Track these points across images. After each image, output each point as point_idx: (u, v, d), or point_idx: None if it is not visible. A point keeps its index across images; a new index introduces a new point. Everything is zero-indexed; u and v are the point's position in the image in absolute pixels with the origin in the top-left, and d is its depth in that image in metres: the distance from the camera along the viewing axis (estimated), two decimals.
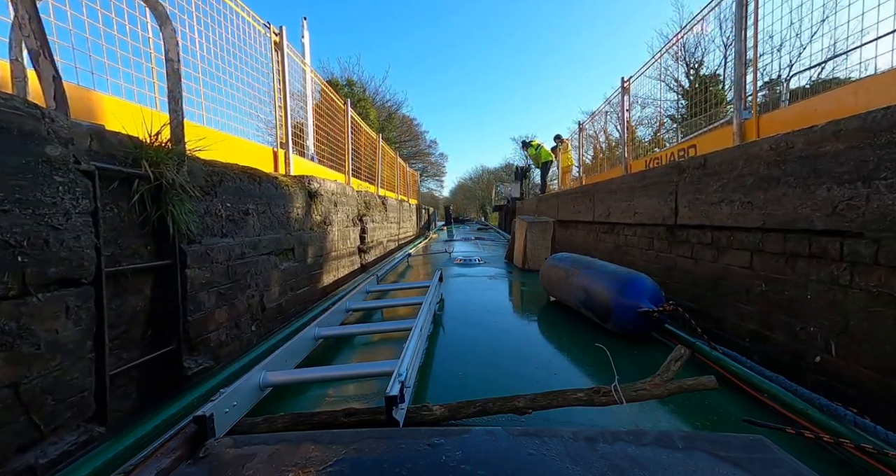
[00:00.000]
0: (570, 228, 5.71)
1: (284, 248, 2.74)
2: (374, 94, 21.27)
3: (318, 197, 3.46)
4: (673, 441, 0.82)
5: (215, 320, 1.94)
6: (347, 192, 4.53)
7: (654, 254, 3.06)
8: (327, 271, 3.73)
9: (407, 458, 0.77)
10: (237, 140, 3.29)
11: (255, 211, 2.36)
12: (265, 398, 1.47)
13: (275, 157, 3.84)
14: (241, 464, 0.78)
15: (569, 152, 10.12)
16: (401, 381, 1.20)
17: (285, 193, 2.78)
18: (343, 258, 4.28)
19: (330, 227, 3.79)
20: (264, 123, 3.92)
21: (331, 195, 3.85)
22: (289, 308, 2.77)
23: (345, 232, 4.34)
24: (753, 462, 0.76)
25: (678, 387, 1.25)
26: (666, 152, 5.51)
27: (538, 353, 2.08)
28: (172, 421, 1.37)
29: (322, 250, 3.54)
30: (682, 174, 2.59)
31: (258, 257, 2.36)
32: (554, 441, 0.81)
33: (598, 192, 4.38)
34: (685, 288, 2.59)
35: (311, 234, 3.23)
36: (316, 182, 3.41)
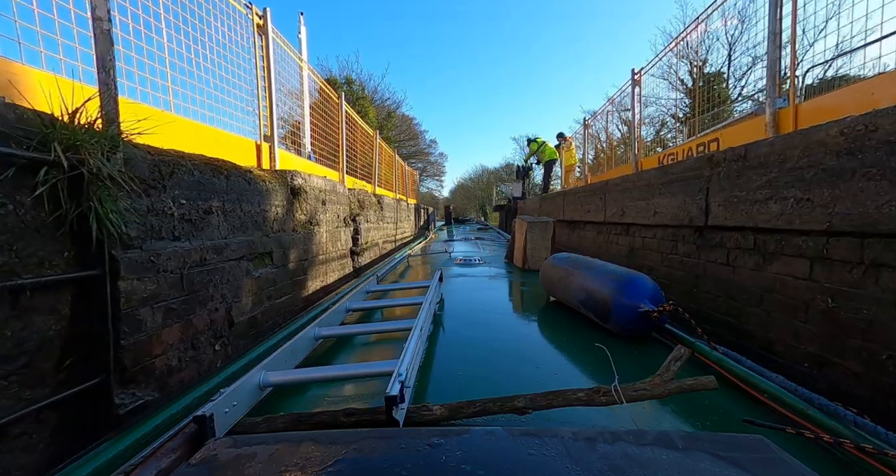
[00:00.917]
0: (577, 229, 5.34)
1: (260, 252, 2.45)
2: (373, 92, 21.20)
3: (302, 194, 3.16)
4: (673, 441, 0.82)
5: (162, 342, 1.62)
6: (338, 190, 4.23)
7: (678, 259, 2.73)
8: (314, 277, 3.44)
9: (407, 458, 0.77)
10: (210, 130, 2.90)
11: (221, 209, 2.06)
12: (265, 398, 1.47)
13: (258, 151, 3.49)
14: (241, 464, 0.78)
15: (572, 151, 9.95)
16: (401, 381, 1.20)
17: (261, 189, 2.50)
18: (332, 262, 3.98)
19: (317, 227, 3.51)
20: (255, 117, 3.54)
21: (318, 193, 3.56)
22: (265, 320, 2.48)
23: (335, 233, 4.05)
24: (753, 462, 0.75)
25: (678, 387, 1.25)
26: (683, 147, 5.16)
27: (538, 353, 2.08)
28: (172, 421, 1.37)
29: (307, 253, 3.26)
30: (714, 168, 2.26)
31: (224, 263, 2.07)
32: (554, 441, 0.81)
33: (611, 190, 4.03)
34: (719, 299, 2.27)
35: (293, 236, 2.96)
36: (300, 178, 3.13)
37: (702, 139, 4.74)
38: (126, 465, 1.06)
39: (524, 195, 12.23)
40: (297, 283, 3.06)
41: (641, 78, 5.94)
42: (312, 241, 3.39)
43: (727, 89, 11.38)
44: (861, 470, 1.10)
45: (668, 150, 5.69)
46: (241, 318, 2.22)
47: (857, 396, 1.45)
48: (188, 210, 1.83)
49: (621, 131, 8.11)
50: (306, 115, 4.94)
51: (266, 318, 2.51)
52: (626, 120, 7.80)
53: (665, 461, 0.75)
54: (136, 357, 1.49)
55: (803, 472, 0.74)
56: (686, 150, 5.00)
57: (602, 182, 4.40)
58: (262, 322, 2.44)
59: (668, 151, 5.58)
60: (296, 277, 3.04)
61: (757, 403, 1.49)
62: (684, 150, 5.05)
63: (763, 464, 0.75)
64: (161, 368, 1.61)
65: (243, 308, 2.25)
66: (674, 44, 5.70)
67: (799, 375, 1.68)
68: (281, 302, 2.73)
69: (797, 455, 0.80)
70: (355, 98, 17.05)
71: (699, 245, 2.48)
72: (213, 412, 1.07)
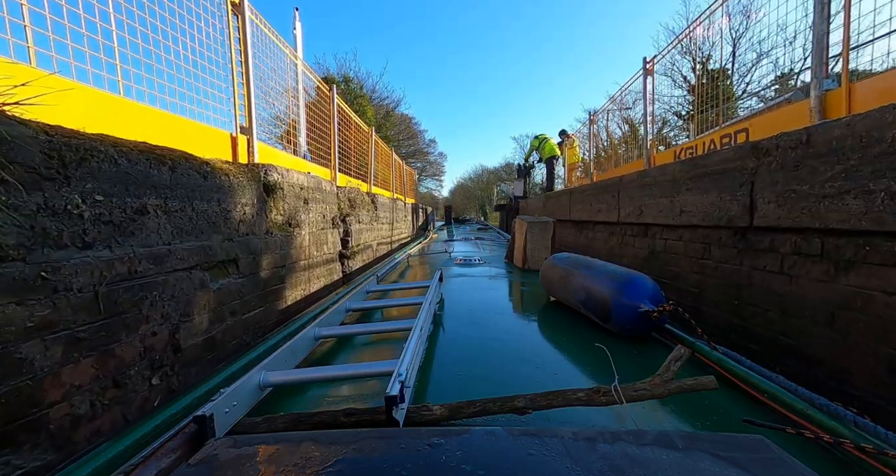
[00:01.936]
0: (586, 230, 4.97)
1: (221, 260, 2.09)
2: (372, 91, 21.10)
3: (278, 191, 2.80)
4: (673, 441, 0.82)
5: (62, 385, 1.24)
6: (324, 188, 3.84)
7: (712, 265, 2.40)
8: (293, 285, 3.09)
9: (407, 458, 0.77)
10: (170, 117, 2.45)
11: (162, 208, 1.70)
12: (265, 398, 1.47)
13: (234, 144, 3.06)
14: (241, 464, 0.78)
15: (575, 148, 9.69)
16: (401, 381, 1.20)
17: (223, 185, 2.15)
18: (317, 267, 3.63)
19: (298, 229, 3.15)
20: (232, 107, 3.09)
21: (299, 190, 3.20)
22: (228, 340, 2.13)
23: (320, 235, 3.70)
24: (753, 462, 0.76)
25: (678, 387, 1.25)
26: (704, 139, 4.72)
27: (538, 353, 2.08)
28: (172, 421, 1.37)
29: (285, 259, 2.93)
30: (762, 158, 1.96)
31: (167, 275, 1.71)
32: (554, 441, 0.81)
33: (626, 186, 3.66)
34: (769, 314, 1.94)
35: (267, 240, 2.62)
36: (275, 173, 2.77)
37: (727, 130, 4.31)
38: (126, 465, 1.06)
39: (526, 194, 12.04)
40: (271, 293, 2.73)
41: (654, 67, 5.49)
42: (292, 245, 3.05)
43: (731, 86, 11.33)
44: (861, 470, 1.10)
45: (685, 144, 5.19)
46: (194, 340, 1.87)
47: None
48: (108, 209, 1.44)
49: (623, 130, 8.02)
50: (302, 113, 4.78)
51: (229, 338, 2.16)
52: (628, 118, 7.73)
53: (665, 461, 0.75)
54: (13, 409, 1.10)
55: (803, 472, 0.74)
56: (707, 142, 4.57)
57: (615, 178, 4.00)
58: (223, 342, 2.07)
59: (685, 145, 5.13)
60: (270, 287, 2.70)
61: (757, 403, 1.49)
62: (704, 143, 4.64)
63: (763, 464, 0.75)
64: (59, 421, 1.21)
65: (196, 328, 1.89)
66: (689, 31, 5.14)
67: (888, 414, 1.37)
68: (250, 317, 2.38)
69: (797, 455, 0.80)
70: (353, 96, 16.93)
71: (741, 249, 2.16)
72: (213, 412, 1.07)
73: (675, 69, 13.48)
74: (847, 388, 1.58)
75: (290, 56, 4.31)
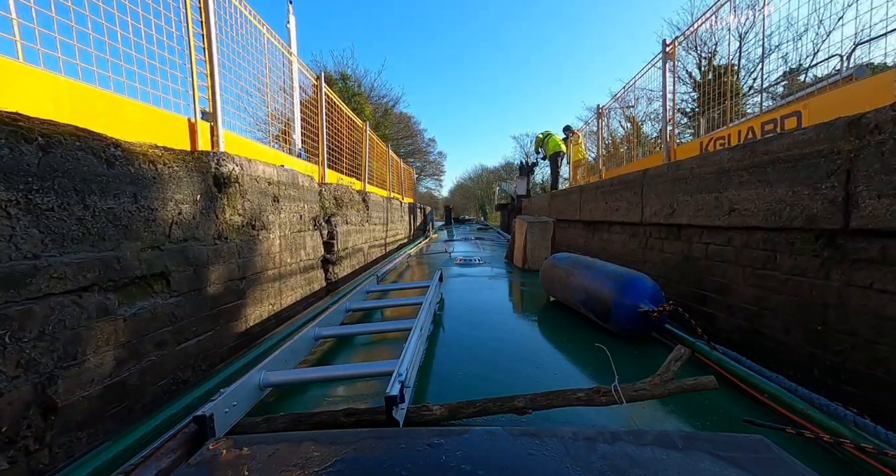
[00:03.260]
0: (599, 232, 4.50)
1: (138, 276, 1.62)
2: (370, 89, 21.02)
3: (233, 186, 2.29)
4: (673, 441, 0.82)
5: None
6: (300, 183, 3.33)
7: (781, 277, 1.92)
8: (257, 300, 2.61)
9: (407, 458, 0.77)
10: (87, 91, 1.93)
11: (23, 205, 1.22)
12: (265, 398, 1.47)
13: (192, 131, 2.58)
14: (241, 464, 0.78)
15: (580, 145, 9.39)
16: (401, 381, 1.20)
17: (141, 176, 1.65)
18: (292, 277, 3.13)
19: (264, 232, 2.69)
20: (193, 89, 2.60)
21: (266, 185, 2.73)
22: (151, 381, 1.68)
23: (296, 239, 3.21)
24: (753, 462, 0.76)
25: (678, 387, 1.25)
26: (740, 127, 4.17)
27: (538, 353, 2.08)
28: (172, 421, 1.37)
29: (245, 269, 2.46)
30: (867, 137, 1.51)
31: (30, 303, 1.22)
32: (554, 441, 0.81)
33: (652, 181, 3.19)
34: (877, 349, 1.48)
35: (217, 247, 2.15)
36: (231, 163, 2.28)
37: (771, 114, 3.82)
38: (126, 465, 1.06)
39: (528, 193, 11.83)
40: (224, 313, 2.23)
41: (675, 50, 4.94)
42: (255, 252, 2.59)
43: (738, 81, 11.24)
44: (861, 470, 1.11)
45: (716, 133, 4.63)
46: (84, 392, 1.38)
47: None
48: None
49: (625, 128, 7.88)
50: (296, 110, 4.59)
51: (155, 377, 1.69)
52: (630, 116, 7.62)
53: (665, 461, 0.75)
54: None
55: (803, 472, 0.74)
56: (744, 130, 4.01)
57: (636, 173, 3.52)
58: (143, 385, 1.61)
59: (716, 134, 4.59)
60: (222, 305, 2.21)
61: (757, 403, 1.49)
62: (740, 132, 4.09)
63: (763, 464, 0.75)
64: None
65: (90, 373, 1.41)
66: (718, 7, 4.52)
67: None
68: (190, 346, 1.92)
69: (797, 455, 0.80)
70: (350, 94, 16.81)
71: (827, 258, 1.70)
72: (213, 412, 1.07)
73: (679, 65, 13.34)
74: None
75: (269, 36, 3.84)
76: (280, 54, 4.24)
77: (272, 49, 3.93)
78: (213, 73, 2.70)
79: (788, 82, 5.01)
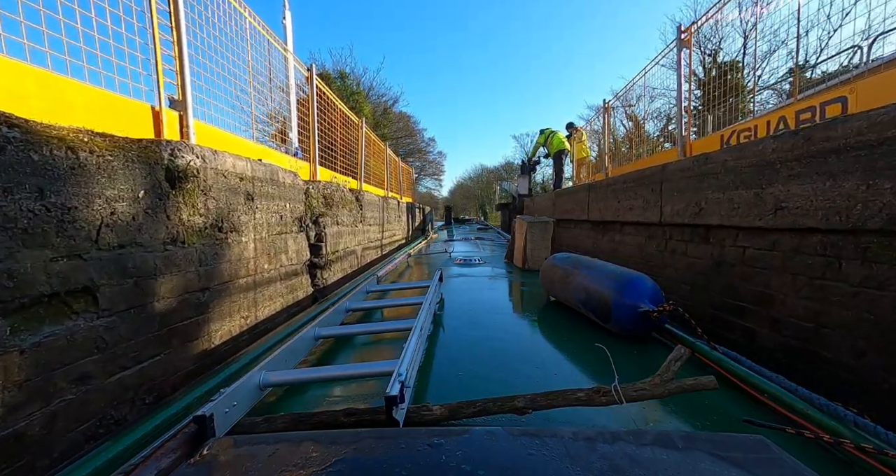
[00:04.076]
0: (610, 232, 4.23)
1: (46, 294, 1.27)
2: (369, 88, 20.93)
3: (193, 181, 1.98)
4: (673, 441, 0.82)
5: None
6: (282, 180, 3.02)
7: (847, 290, 1.63)
8: (225, 315, 2.24)
9: (407, 458, 0.77)
10: (19, 68, 1.57)
11: None
12: (265, 398, 1.47)
13: (156, 120, 2.25)
14: (241, 464, 0.78)
15: (584, 142, 9.01)
16: (401, 381, 1.20)
17: (53, 166, 1.31)
18: (270, 285, 2.78)
19: (234, 235, 2.34)
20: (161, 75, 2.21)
21: (237, 181, 2.39)
22: (70, 427, 1.31)
23: (275, 242, 2.88)
24: (753, 462, 0.76)
25: (678, 387, 1.25)
26: (770, 117, 3.74)
27: (538, 353, 2.08)
28: (172, 421, 1.37)
29: (210, 279, 2.12)
30: None
31: None
32: (554, 441, 0.81)
33: (673, 177, 2.88)
34: None
35: (169, 254, 1.81)
36: (189, 154, 1.96)
37: (808, 102, 3.34)
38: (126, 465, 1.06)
39: (531, 192, 11.56)
40: (178, 332, 1.87)
41: (692, 39, 4.52)
42: (223, 257, 2.24)
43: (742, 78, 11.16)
44: (861, 470, 1.11)
45: (738, 125, 4.23)
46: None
47: None
48: None
49: (626, 127, 7.76)
50: (293, 108, 4.44)
51: (71, 423, 1.33)
52: (631, 115, 7.53)
53: (665, 461, 0.75)
54: None
55: (803, 472, 0.74)
56: (774, 120, 3.59)
57: (654, 168, 3.22)
58: (52, 435, 1.26)
59: (739, 126, 4.18)
60: (177, 323, 1.86)
61: (757, 403, 1.49)
62: (769, 123, 3.68)
63: (763, 464, 0.75)
64: None
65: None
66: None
67: None
68: (128, 377, 1.57)
69: (797, 455, 0.80)
70: (349, 93, 16.69)
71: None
72: (213, 412, 1.07)
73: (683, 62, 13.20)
74: None
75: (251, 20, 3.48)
76: (266, 42, 3.93)
77: (261, 40, 3.56)
78: (182, 56, 2.38)
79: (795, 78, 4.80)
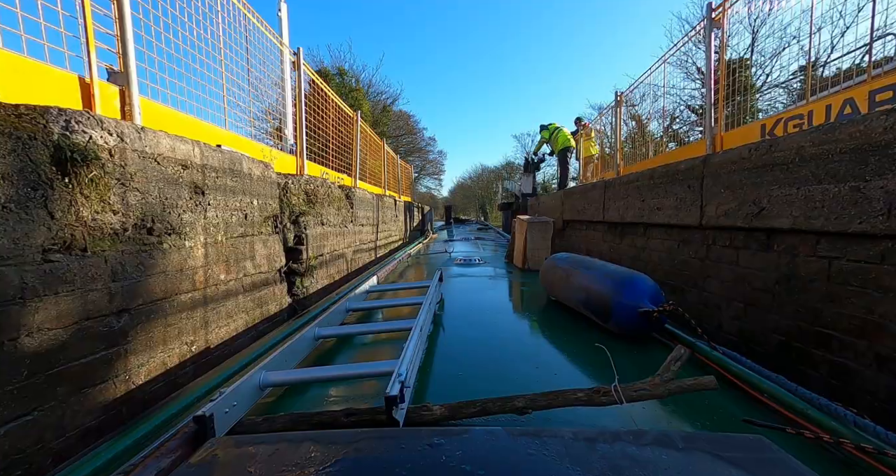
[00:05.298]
0: (631, 235, 3.83)
1: None
2: (368, 86, 20.85)
3: (96, 166, 1.51)
4: (673, 441, 0.82)
5: None
6: (245, 171, 2.57)
7: None
8: (156, 342, 1.80)
9: (407, 458, 0.77)
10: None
11: None
12: (265, 398, 1.47)
13: (86, 94, 1.85)
14: (241, 464, 0.78)
15: (592, 139, 8.53)
16: (401, 381, 1.20)
17: None
18: (229, 299, 2.36)
19: (172, 238, 1.91)
20: None
21: (178, 170, 1.95)
22: None
23: (236, 246, 2.42)
24: (753, 462, 0.76)
25: (678, 387, 1.25)
26: (832, 100, 2.98)
27: (538, 353, 2.08)
28: (172, 421, 1.37)
29: (132, 296, 1.67)
30: None
31: None
32: (554, 441, 0.81)
33: (720, 170, 2.43)
34: None
35: (52, 267, 1.35)
36: (94, 129, 1.51)
37: (890, 78, 2.67)
38: (126, 465, 1.06)
39: (534, 191, 11.29)
40: (73, 375, 1.43)
41: (725, 16, 3.89)
42: (154, 268, 1.80)
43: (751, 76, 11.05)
44: (861, 470, 1.11)
45: (784, 112, 3.50)
46: None
47: None
48: None
49: (629, 127, 7.61)
50: (288, 104, 4.29)
51: None
52: (635, 115, 7.39)
53: (665, 461, 0.75)
54: None
55: (803, 472, 0.74)
56: (837, 104, 2.92)
57: (694, 160, 2.76)
58: None
59: (786, 114, 3.43)
60: (70, 362, 1.42)
61: (757, 403, 1.49)
62: (830, 106, 2.98)
63: (763, 464, 0.75)
64: None
65: None
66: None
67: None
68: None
69: (797, 455, 0.80)
70: (348, 90, 16.56)
71: None
72: (213, 412, 1.08)
73: (688, 60, 13.02)
74: None
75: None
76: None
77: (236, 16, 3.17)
78: (123, 16, 1.99)
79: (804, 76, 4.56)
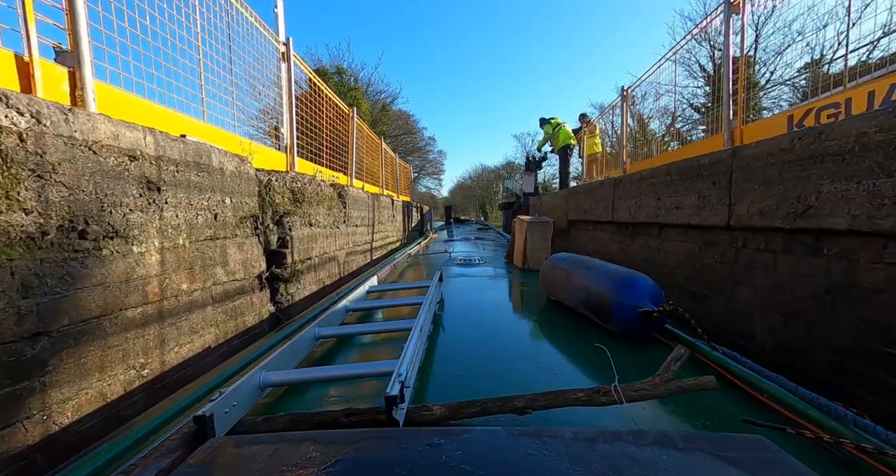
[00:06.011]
0: (644, 236, 3.58)
1: None
2: (367, 85, 20.78)
3: None
4: (673, 441, 0.82)
5: None
6: (212, 164, 2.30)
7: None
8: (91, 370, 1.55)
9: (407, 458, 0.77)
10: None
11: None
12: (265, 398, 1.47)
13: (24, 73, 1.63)
14: (241, 464, 0.78)
15: (596, 136, 8.21)
16: (401, 381, 1.20)
17: None
18: (192, 312, 2.13)
19: (116, 242, 1.67)
20: None
21: (123, 161, 1.70)
22: None
23: (201, 251, 2.20)
24: (753, 462, 0.76)
25: (678, 387, 1.25)
26: (875, 85, 2.70)
27: (538, 353, 2.08)
28: (172, 421, 1.37)
29: (54, 315, 1.41)
30: None
31: None
32: (554, 441, 0.81)
33: (754, 163, 2.17)
34: None
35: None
36: None
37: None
38: (126, 465, 1.06)
39: (537, 190, 11.16)
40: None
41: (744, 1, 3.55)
42: (88, 280, 1.56)
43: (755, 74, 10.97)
44: (861, 470, 1.11)
45: (816, 102, 3.15)
46: None
47: None
48: None
49: (631, 127, 7.53)
50: (284, 102, 4.19)
51: None
52: (637, 114, 7.32)
53: (665, 461, 0.75)
54: None
55: (803, 472, 0.74)
56: (882, 90, 2.62)
57: (721, 153, 2.50)
58: None
59: (817, 103, 3.13)
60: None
61: (757, 403, 1.49)
62: (871, 93, 2.69)
63: (763, 464, 0.75)
64: None
65: None
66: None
67: None
68: None
69: (797, 455, 0.80)
70: (346, 89, 16.50)
71: None
72: (213, 412, 1.07)
73: (692, 58, 12.98)
74: None
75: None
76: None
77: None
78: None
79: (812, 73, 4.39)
